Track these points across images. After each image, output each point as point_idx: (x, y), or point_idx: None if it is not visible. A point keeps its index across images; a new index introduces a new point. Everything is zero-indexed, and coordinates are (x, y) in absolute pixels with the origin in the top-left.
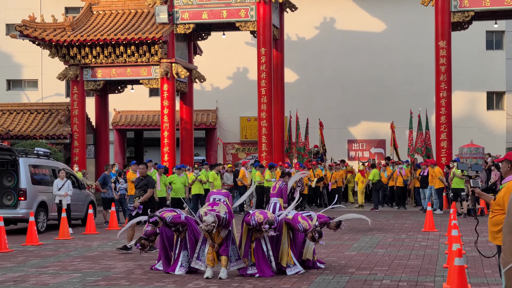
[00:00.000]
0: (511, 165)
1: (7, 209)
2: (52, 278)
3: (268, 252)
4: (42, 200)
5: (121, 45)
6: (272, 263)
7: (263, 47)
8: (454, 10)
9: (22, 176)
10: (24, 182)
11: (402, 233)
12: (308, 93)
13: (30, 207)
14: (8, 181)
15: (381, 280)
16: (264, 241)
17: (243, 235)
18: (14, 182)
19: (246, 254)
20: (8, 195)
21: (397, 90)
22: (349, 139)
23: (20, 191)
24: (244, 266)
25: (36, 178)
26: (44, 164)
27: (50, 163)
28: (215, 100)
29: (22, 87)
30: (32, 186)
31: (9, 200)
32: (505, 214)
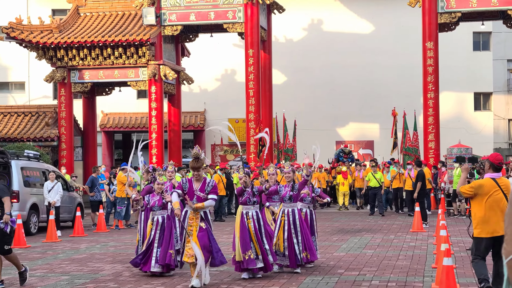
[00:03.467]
0: (491, 165)
1: None
2: (40, 281)
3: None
4: (33, 202)
5: (108, 47)
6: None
7: (251, 48)
8: (441, 11)
9: (14, 178)
10: (16, 184)
11: (390, 234)
12: (296, 94)
13: (22, 209)
14: (1, 183)
15: (370, 280)
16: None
17: (237, 229)
18: (5, 184)
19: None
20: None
21: (385, 91)
22: (337, 140)
23: (12, 193)
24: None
25: (27, 180)
26: (35, 167)
27: (40, 165)
28: (203, 102)
29: (9, 89)
30: (24, 188)
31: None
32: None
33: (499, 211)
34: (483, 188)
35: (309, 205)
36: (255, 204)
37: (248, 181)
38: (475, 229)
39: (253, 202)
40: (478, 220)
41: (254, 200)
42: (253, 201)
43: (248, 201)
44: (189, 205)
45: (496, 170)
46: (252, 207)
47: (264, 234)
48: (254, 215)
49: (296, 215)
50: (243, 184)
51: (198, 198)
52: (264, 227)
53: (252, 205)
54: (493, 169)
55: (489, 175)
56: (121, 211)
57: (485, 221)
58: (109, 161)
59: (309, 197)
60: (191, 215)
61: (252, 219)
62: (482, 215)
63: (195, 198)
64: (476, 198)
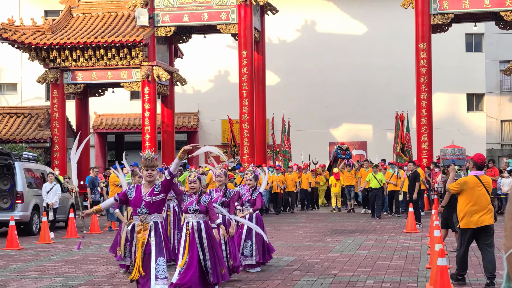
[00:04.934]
0: (474, 164)
1: (4, 211)
2: (34, 283)
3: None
4: (36, 203)
5: (101, 48)
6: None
7: (245, 49)
8: (434, 13)
9: (18, 179)
10: (20, 185)
11: (384, 235)
12: (289, 95)
13: (26, 210)
14: (4, 184)
15: (364, 281)
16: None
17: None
18: (9, 186)
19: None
20: (4, 198)
21: (378, 92)
22: (331, 141)
23: (17, 194)
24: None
25: (29, 181)
26: (35, 168)
27: (39, 166)
28: (196, 103)
29: (1, 90)
30: (27, 190)
31: (5, 203)
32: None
33: (482, 205)
34: (467, 184)
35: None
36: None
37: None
38: (461, 221)
39: (193, 211)
40: (464, 213)
41: (195, 208)
42: (194, 209)
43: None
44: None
45: (479, 168)
46: (193, 215)
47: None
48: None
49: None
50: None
51: (147, 204)
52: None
53: (193, 214)
54: (477, 167)
55: (473, 173)
56: (114, 212)
57: (470, 214)
58: (102, 162)
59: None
60: (138, 228)
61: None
62: (467, 208)
63: (143, 204)
64: (462, 194)
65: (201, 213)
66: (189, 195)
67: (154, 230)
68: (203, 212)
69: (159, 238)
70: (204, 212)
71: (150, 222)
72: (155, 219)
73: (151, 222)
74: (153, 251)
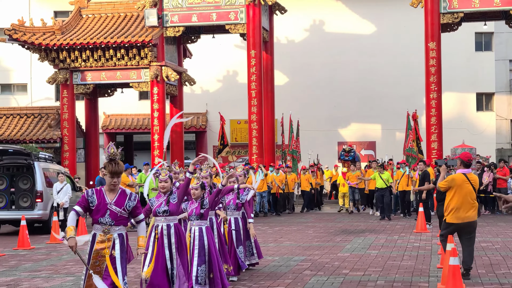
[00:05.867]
0: (461, 162)
1: (24, 210)
2: (45, 282)
3: None
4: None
5: (110, 49)
6: None
7: (253, 49)
8: (444, 12)
9: (38, 179)
10: (40, 184)
11: (394, 234)
12: (297, 95)
13: (45, 209)
14: (24, 184)
15: (375, 281)
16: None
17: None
18: (29, 185)
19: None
20: (24, 197)
21: (386, 91)
22: (339, 141)
23: (37, 193)
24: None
25: (48, 181)
26: (51, 168)
27: (55, 166)
28: (205, 103)
29: (12, 91)
30: (46, 189)
31: (25, 202)
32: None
33: (468, 201)
34: (455, 181)
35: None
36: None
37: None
38: (447, 215)
39: (163, 212)
40: (451, 208)
41: (164, 209)
42: (163, 210)
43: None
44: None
45: (466, 166)
46: (163, 218)
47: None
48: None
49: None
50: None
51: (113, 214)
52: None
53: (163, 216)
54: (464, 165)
55: (460, 170)
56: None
57: (457, 209)
58: None
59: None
60: (99, 239)
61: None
62: (454, 204)
63: (108, 213)
64: (450, 190)
65: (171, 214)
66: (157, 196)
67: (120, 244)
68: (174, 213)
69: (123, 253)
70: (174, 213)
71: (114, 234)
72: (119, 231)
73: (115, 234)
74: (118, 267)
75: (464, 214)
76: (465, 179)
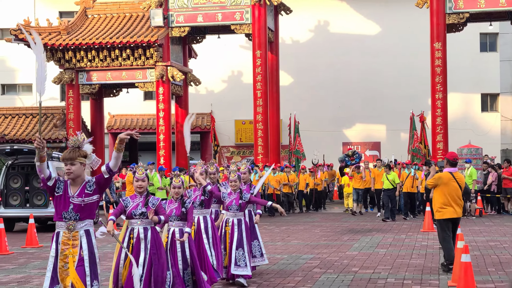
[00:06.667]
0: (448, 161)
1: (38, 208)
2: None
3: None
4: None
5: (116, 49)
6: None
7: (259, 49)
8: (449, 12)
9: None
10: None
11: (401, 234)
12: (302, 95)
13: None
14: (38, 182)
15: (385, 278)
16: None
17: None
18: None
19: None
20: (38, 196)
21: (391, 92)
22: (344, 142)
23: None
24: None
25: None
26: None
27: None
28: (209, 103)
29: (17, 91)
30: None
31: (39, 200)
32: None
33: (454, 199)
34: (442, 179)
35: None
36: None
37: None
38: (436, 212)
39: (140, 215)
40: (439, 205)
41: (141, 211)
42: (140, 212)
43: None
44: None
45: (452, 165)
46: (139, 221)
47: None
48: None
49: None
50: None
51: (77, 208)
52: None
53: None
54: (450, 164)
55: (447, 169)
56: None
57: (444, 205)
58: None
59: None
60: (64, 237)
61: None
62: (442, 201)
63: (71, 207)
64: (437, 188)
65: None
66: (131, 197)
67: (87, 242)
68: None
69: (92, 254)
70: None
71: (80, 231)
72: (86, 227)
73: (82, 231)
74: (87, 270)
75: (451, 210)
76: (451, 178)
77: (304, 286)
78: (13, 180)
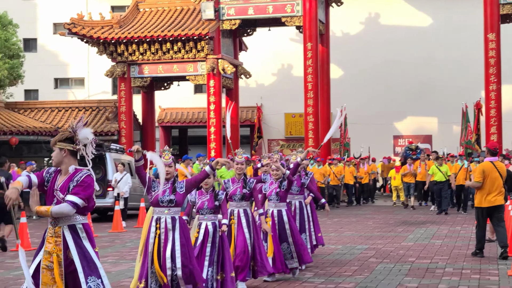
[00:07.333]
0: (488, 151)
1: (96, 198)
2: (113, 267)
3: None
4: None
5: (167, 42)
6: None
7: (309, 42)
8: (503, 2)
9: (109, 168)
10: (111, 174)
11: (456, 226)
12: (352, 88)
13: (117, 197)
14: (96, 173)
15: (443, 268)
16: None
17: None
18: (101, 174)
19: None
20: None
21: (443, 84)
22: (395, 135)
23: (108, 182)
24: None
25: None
26: (121, 158)
27: (125, 157)
28: (259, 96)
29: (69, 85)
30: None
31: (97, 191)
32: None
33: (495, 187)
34: (485, 169)
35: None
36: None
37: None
38: (476, 200)
39: (168, 202)
40: (480, 194)
41: (170, 199)
42: (168, 200)
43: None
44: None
45: (492, 154)
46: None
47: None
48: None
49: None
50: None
51: (58, 203)
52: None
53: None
54: (491, 154)
55: (488, 159)
56: None
57: (483, 194)
58: None
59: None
60: (49, 233)
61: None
62: (483, 190)
63: (55, 201)
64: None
65: (177, 205)
66: (159, 182)
67: (72, 239)
68: (180, 204)
69: (80, 248)
70: (180, 204)
71: (63, 226)
72: (71, 221)
73: (65, 226)
74: (78, 267)
75: (492, 198)
76: (493, 167)
77: (361, 274)
78: None
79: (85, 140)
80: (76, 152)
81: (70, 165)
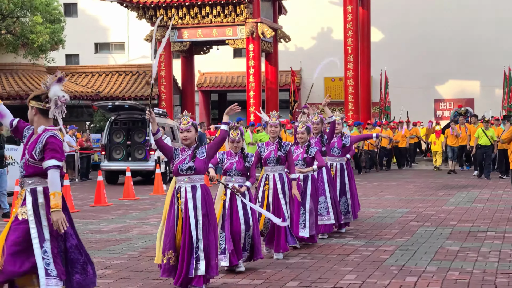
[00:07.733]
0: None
1: (139, 162)
2: (154, 229)
3: None
4: None
5: (207, 6)
6: None
7: (350, 4)
8: None
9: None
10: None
11: (498, 189)
12: (393, 52)
13: (158, 160)
14: (139, 137)
15: (485, 231)
16: None
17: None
18: (143, 138)
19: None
20: (139, 150)
21: (485, 47)
22: (436, 99)
23: (151, 145)
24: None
25: None
26: (164, 122)
27: (168, 121)
28: (299, 60)
29: (109, 49)
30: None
31: (140, 154)
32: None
33: None
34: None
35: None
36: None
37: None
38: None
39: (187, 169)
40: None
41: (189, 166)
42: (188, 167)
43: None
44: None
45: None
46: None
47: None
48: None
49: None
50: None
51: (25, 165)
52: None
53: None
54: None
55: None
56: None
57: None
58: (206, 121)
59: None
60: (19, 196)
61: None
62: None
63: (23, 161)
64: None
65: (197, 173)
66: (181, 150)
67: (31, 202)
68: (200, 171)
69: (37, 216)
70: (201, 170)
71: (27, 189)
72: (33, 185)
73: (28, 189)
74: (32, 233)
75: None
76: None
77: (402, 238)
78: (116, 135)
79: (54, 97)
80: (47, 111)
81: (40, 124)
